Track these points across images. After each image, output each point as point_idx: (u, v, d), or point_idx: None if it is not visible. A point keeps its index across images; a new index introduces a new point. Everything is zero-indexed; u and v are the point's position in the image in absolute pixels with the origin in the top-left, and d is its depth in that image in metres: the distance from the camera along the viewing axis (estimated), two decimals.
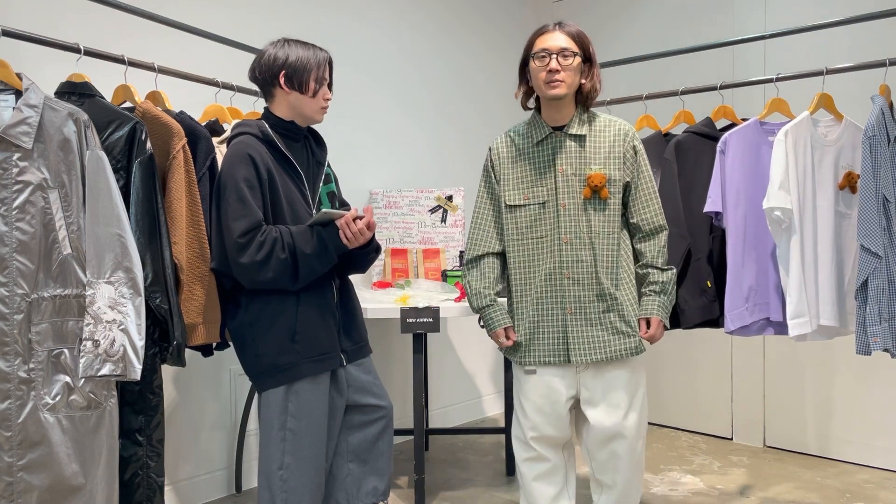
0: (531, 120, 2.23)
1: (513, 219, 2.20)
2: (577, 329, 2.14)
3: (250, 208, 1.94)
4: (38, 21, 2.51)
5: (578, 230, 2.13)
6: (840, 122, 2.50)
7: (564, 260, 2.14)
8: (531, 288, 2.17)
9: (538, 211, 2.16)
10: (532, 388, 2.20)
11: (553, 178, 2.16)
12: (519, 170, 2.20)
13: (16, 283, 1.73)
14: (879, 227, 2.20)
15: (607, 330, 2.14)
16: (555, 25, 2.17)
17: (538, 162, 2.18)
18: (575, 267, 2.13)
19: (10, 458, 1.71)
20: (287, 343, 2.00)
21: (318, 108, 2.11)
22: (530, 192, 2.17)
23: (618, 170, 2.16)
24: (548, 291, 2.15)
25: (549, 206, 2.15)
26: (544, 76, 2.10)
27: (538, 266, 2.16)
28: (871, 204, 2.20)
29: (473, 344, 4.29)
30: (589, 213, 2.13)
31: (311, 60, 2.06)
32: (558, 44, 2.11)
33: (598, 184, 2.11)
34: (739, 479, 3.25)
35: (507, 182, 2.21)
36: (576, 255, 2.13)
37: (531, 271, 2.18)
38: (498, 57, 4.41)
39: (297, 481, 2.00)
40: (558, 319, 2.15)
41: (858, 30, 2.78)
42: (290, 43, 2.08)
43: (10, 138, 1.72)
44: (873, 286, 2.20)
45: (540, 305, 2.16)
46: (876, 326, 2.20)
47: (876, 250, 2.19)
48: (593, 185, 2.12)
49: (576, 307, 2.14)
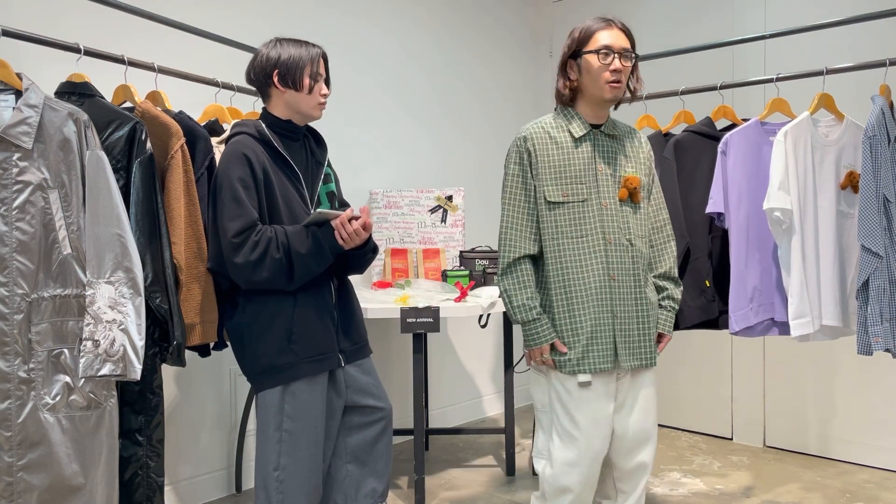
0: (566, 114, 2.10)
1: (552, 216, 2.05)
2: (623, 334, 2.03)
3: (245, 208, 1.94)
4: (38, 21, 2.51)
5: (620, 231, 2.05)
6: (841, 122, 2.50)
7: (611, 261, 2.03)
8: (583, 291, 2.02)
9: (580, 209, 2.04)
10: (586, 401, 2.02)
11: (594, 176, 2.06)
12: (558, 164, 2.05)
13: (16, 283, 1.73)
14: (880, 226, 2.20)
15: (646, 335, 2.07)
16: (610, 23, 2.06)
17: (578, 158, 2.06)
18: (619, 269, 2.04)
19: (10, 458, 1.71)
20: (284, 344, 1.99)
21: (315, 105, 2.10)
22: (570, 189, 2.04)
23: (645, 175, 2.14)
24: (599, 295, 2.02)
25: (590, 205, 2.04)
26: (608, 76, 2.00)
27: (587, 268, 2.03)
28: (872, 204, 2.20)
29: (473, 344, 4.29)
30: (626, 215, 2.07)
31: (304, 57, 2.06)
32: (622, 43, 2.02)
33: (635, 186, 2.07)
34: (739, 479, 3.25)
35: (546, 177, 2.05)
36: (620, 257, 2.04)
37: (581, 274, 2.03)
38: (499, 55, 4.41)
39: (294, 482, 2.00)
40: (609, 324, 2.03)
41: (858, 30, 2.78)
42: (283, 42, 2.08)
43: (10, 138, 1.72)
44: (874, 286, 2.20)
45: (595, 310, 2.02)
46: (877, 326, 2.20)
47: (877, 250, 2.19)
48: (631, 188, 2.06)
49: (622, 311, 2.03)
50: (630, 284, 2.04)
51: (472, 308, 2.93)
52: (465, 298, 3.01)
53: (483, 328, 3.53)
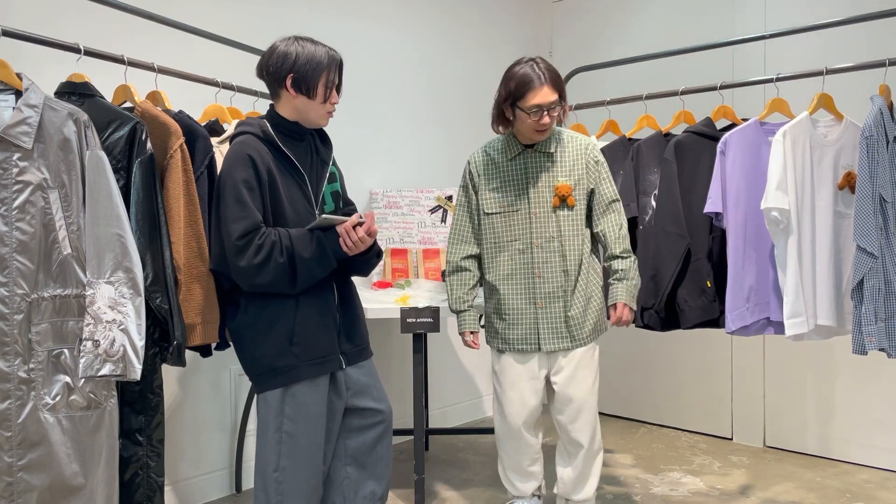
0: (506, 138, 2.51)
1: (489, 224, 2.49)
2: (546, 322, 2.45)
3: (249, 210, 1.93)
4: (38, 21, 2.51)
5: (549, 234, 2.43)
6: (840, 122, 2.50)
7: (536, 261, 2.44)
8: (511, 286, 2.47)
9: (512, 218, 2.45)
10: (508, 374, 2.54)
11: (526, 189, 2.44)
12: (495, 181, 2.48)
13: (16, 283, 1.73)
14: (875, 227, 2.20)
15: (571, 322, 2.45)
16: (540, 77, 2.33)
17: (512, 175, 2.47)
18: (545, 267, 2.43)
19: (10, 458, 1.71)
20: (285, 345, 1.98)
21: (324, 114, 2.07)
22: (504, 201, 2.46)
23: (578, 179, 2.44)
24: (524, 289, 2.46)
25: (522, 214, 2.44)
26: (536, 127, 2.36)
27: (515, 267, 2.46)
28: (868, 204, 2.20)
29: None
30: (560, 219, 2.43)
31: (322, 64, 2.00)
32: (549, 99, 2.34)
33: (564, 193, 2.42)
34: (739, 479, 3.25)
35: (484, 192, 2.49)
36: (546, 257, 2.43)
37: (509, 272, 2.47)
38: (499, 55, 4.40)
39: (293, 483, 1.99)
40: (531, 313, 2.45)
41: (858, 30, 2.78)
42: (301, 41, 2.02)
43: (10, 138, 1.72)
44: (869, 286, 2.20)
45: (520, 302, 2.46)
46: (871, 326, 2.20)
47: (872, 250, 2.19)
48: (560, 195, 2.42)
49: (546, 302, 2.44)
50: (557, 279, 2.43)
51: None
52: None
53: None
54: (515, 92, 2.36)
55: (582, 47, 4.32)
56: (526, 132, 2.41)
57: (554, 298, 2.43)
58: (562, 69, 4.22)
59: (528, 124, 2.37)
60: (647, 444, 3.77)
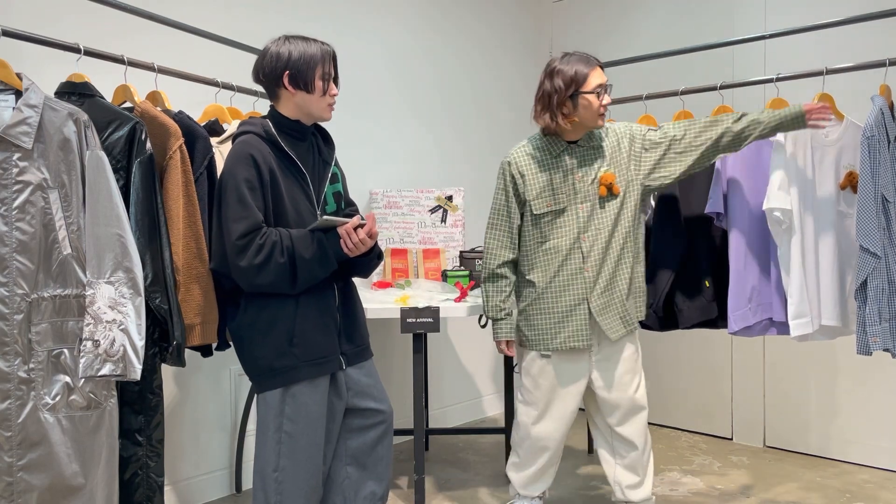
0: (545, 138, 2.48)
1: (537, 224, 2.46)
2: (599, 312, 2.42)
3: (250, 210, 1.92)
4: (38, 21, 2.51)
5: (596, 227, 2.41)
6: (841, 122, 2.50)
7: (585, 255, 2.41)
8: (559, 282, 2.44)
9: (557, 216, 2.43)
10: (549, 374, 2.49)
11: (573, 185, 2.43)
12: (542, 180, 2.45)
13: (16, 283, 1.73)
14: (878, 227, 2.19)
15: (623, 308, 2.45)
16: (591, 62, 2.39)
17: (559, 172, 2.44)
18: (592, 260, 2.41)
19: (10, 458, 1.71)
20: (285, 346, 1.98)
21: (326, 106, 2.07)
22: (553, 200, 2.43)
23: (623, 163, 2.44)
24: (573, 284, 2.43)
25: (570, 210, 2.42)
26: (602, 110, 2.38)
27: (564, 263, 2.43)
28: (870, 204, 2.20)
29: (473, 344, 4.29)
30: (606, 209, 2.42)
31: (315, 57, 2.01)
32: (605, 79, 2.39)
33: (609, 181, 2.40)
34: (739, 479, 3.25)
35: (532, 193, 2.45)
36: (590, 249, 2.41)
37: (558, 268, 2.43)
38: (498, 55, 4.41)
39: (292, 483, 1.99)
40: (583, 308, 2.43)
41: (858, 30, 2.78)
42: (292, 39, 2.03)
43: (10, 138, 1.72)
44: (872, 286, 2.20)
45: (569, 298, 2.43)
46: (876, 326, 2.20)
47: (875, 250, 2.18)
48: (606, 184, 2.40)
49: (594, 295, 2.42)
50: (606, 271, 2.42)
51: (472, 308, 2.93)
52: (465, 298, 3.01)
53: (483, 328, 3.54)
54: (576, 77, 2.35)
55: (582, 47, 4.28)
56: (590, 119, 2.38)
57: (604, 289, 2.42)
58: None
59: (594, 108, 2.36)
60: None
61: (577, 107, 2.37)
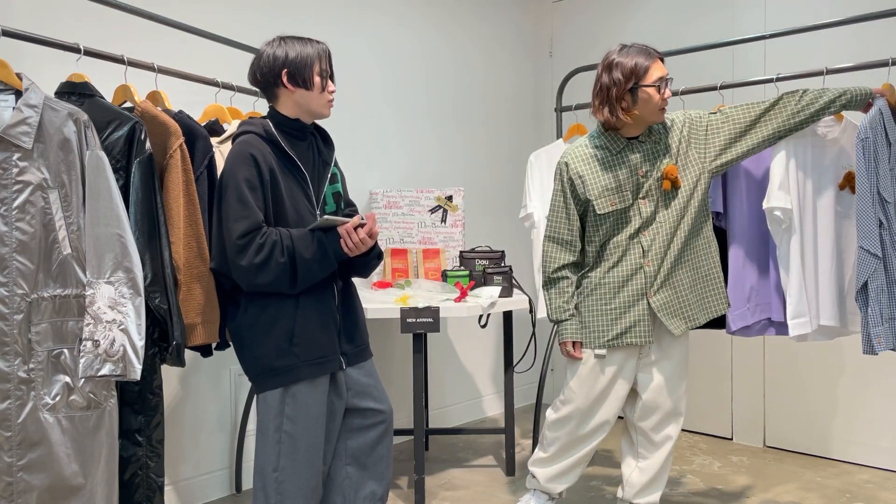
0: (604, 135, 2.40)
1: (601, 223, 2.39)
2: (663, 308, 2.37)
3: (250, 209, 1.93)
4: (38, 21, 2.51)
5: (659, 223, 2.36)
6: (840, 122, 2.50)
7: (646, 251, 2.35)
8: (619, 279, 2.38)
9: (622, 213, 2.37)
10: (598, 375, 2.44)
11: (636, 182, 2.36)
12: (605, 179, 2.37)
13: (16, 283, 1.73)
14: (877, 227, 2.20)
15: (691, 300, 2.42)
16: (652, 54, 2.31)
17: (621, 169, 2.37)
18: (653, 256, 2.35)
19: (10, 458, 1.71)
20: (285, 346, 1.98)
21: (325, 103, 2.08)
22: (616, 198, 2.36)
23: (685, 154, 2.38)
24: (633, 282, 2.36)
25: (634, 208, 2.36)
26: (663, 104, 2.30)
27: (624, 261, 2.37)
28: (868, 205, 2.20)
29: (473, 344, 4.29)
30: (669, 203, 2.36)
31: (312, 54, 2.03)
32: (666, 71, 2.31)
33: (674, 175, 2.33)
34: (739, 479, 3.25)
35: (594, 192, 2.37)
36: (651, 244, 2.35)
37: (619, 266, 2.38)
38: (499, 55, 4.41)
39: (292, 483, 1.99)
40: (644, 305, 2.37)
41: (858, 29, 2.78)
42: (287, 40, 2.05)
43: (10, 138, 1.72)
44: (873, 287, 2.20)
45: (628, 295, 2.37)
46: (879, 327, 2.20)
47: (875, 251, 2.19)
48: (671, 178, 2.33)
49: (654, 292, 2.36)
50: (668, 262, 2.35)
51: (472, 308, 2.93)
52: (465, 298, 3.01)
53: (483, 328, 3.53)
54: (636, 70, 2.27)
55: (582, 47, 4.32)
56: (650, 114, 2.30)
57: (662, 284, 2.35)
58: (562, 69, 4.25)
59: (655, 102, 2.28)
60: None
61: (636, 101, 2.29)
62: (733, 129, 2.38)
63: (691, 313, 2.40)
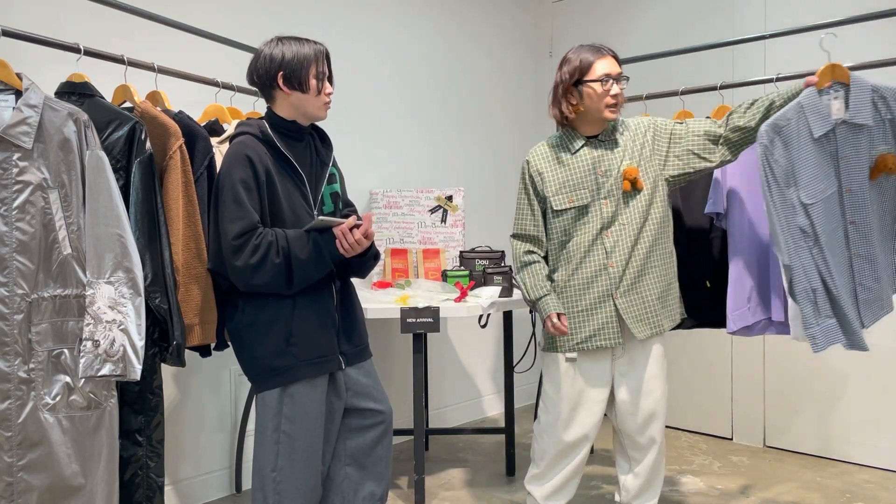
0: (565, 133, 2.41)
1: (560, 221, 2.38)
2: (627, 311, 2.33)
3: (246, 210, 1.93)
4: (38, 21, 2.51)
5: (620, 223, 2.33)
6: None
7: (609, 251, 2.33)
8: (583, 280, 2.36)
9: (581, 212, 2.35)
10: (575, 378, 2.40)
11: (595, 181, 2.35)
12: (562, 177, 2.38)
13: (16, 283, 1.73)
14: (788, 234, 2.17)
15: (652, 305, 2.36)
16: (602, 51, 2.31)
17: (579, 168, 2.37)
18: (617, 256, 2.32)
19: (10, 459, 1.71)
20: (283, 346, 1.98)
21: (321, 105, 2.07)
22: (574, 195, 2.35)
23: (647, 157, 2.35)
24: (597, 282, 2.34)
25: (594, 206, 2.34)
26: (609, 100, 2.29)
27: (587, 259, 2.34)
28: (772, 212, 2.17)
29: (473, 344, 4.29)
30: (630, 205, 2.33)
31: (308, 56, 2.02)
32: (616, 69, 2.30)
33: (633, 176, 2.31)
34: (739, 479, 3.25)
35: (551, 190, 2.38)
36: (614, 245, 2.32)
37: (582, 266, 2.35)
38: (499, 55, 4.41)
39: (291, 483, 1.99)
40: (610, 305, 2.33)
41: (858, 30, 2.78)
42: (284, 41, 2.04)
43: (10, 138, 1.72)
44: (799, 290, 2.16)
45: (594, 296, 2.34)
46: (814, 328, 2.17)
47: (785, 261, 2.16)
48: (630, 178, 2.31)
49: (620, 292, 2.32)
50: (632, 267, 2.32)
51: (472, 308, 2.93)
52: (465, 298, 3.01)
53: (483, 328, 3.53)
54: (581, 66, 2.28)
55: None
56: (595, 111, 2.30)
57: (629, 286, 2.31)
58: None
59: (598, 100, 2.27)
60: None
61: (582, 96, 2.30)
62: (692, 142, 2.34)
63: (657, 320, 2.34)
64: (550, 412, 2.41)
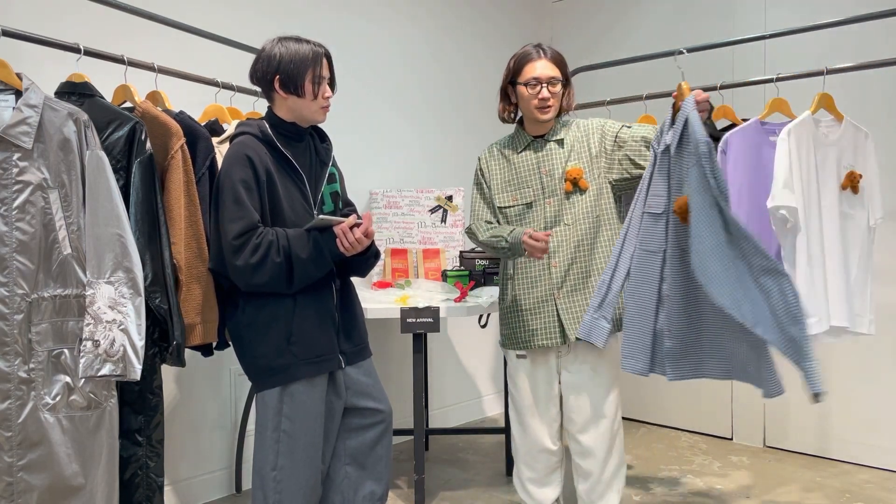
0: (515, 132, 2.46)
1: (504, 219, 2.42)
2: (567, 311, 2.32)
3: (246, 210, 1.93)
4: (38, 21, 2.51)
5: (564, 222, 2.33)
6: (840, 123, 2.50)
7: (552, 251, 2.32)
8: (528, 279, 2.37)
9: (526, 209, 2.37)
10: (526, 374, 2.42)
11: (539, 180, 2.37)
12: (506, 175, 2.43)
13: (16, 283, 1.73)
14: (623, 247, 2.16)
15: None
16: (539, 52, 2.32)
17: (523, 167, 2.40)
18: (560, 256, 2.32)
19: (10, 459, 1.71)
20: (283, 345, 1.98)
21: (318, 109, 2.06)
22: (518, 194, 2.39)
23: (594, 158, 2.35)
24: (541, 280, 2.34)
25: (537, 205, 2.36)
26: (536, 103, 2.31)
27: (530, 260, 2.34)
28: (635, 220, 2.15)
29: (473, 344, 4.29)
30: (575, 203, 2.33)
31: (306, 60, 2.00)
32: (547, 73, 2.30)
33: (575, 177, 2.32)
34: (739, 479, 3.25)
35: (497, 187, 2.43)
36: (558, 245, 2.32)
37: (525, 265, 2.37)
38: (498, 57, 4.40)
39: (291, 482, 1.99)
40: (552, 304, 2.33)
41: (858, 30, 2.78)
42: (284, 42, 2.02)
43: (10, 138, 1.72)
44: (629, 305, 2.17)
45: (538, 294, 2.34)
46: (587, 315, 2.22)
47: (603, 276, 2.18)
48: (572, 178, 2.32)
49: (563, 292, 2.32)
50: (576, 267, 2.32)
51: (472, 308, 2.93)
52: (465, 298, 3.01)
53: (483, 328, 3.53)
54: (514, 67, 2.34)
55: (582, 47, 4.31)
56: (528, 112, 2.34)
57: (573, 287, 2.30)
58: None
59: (528, 102, 2.31)
60: (647, 444, 3.77)
61: (517, 97, 2.36)
62: (630, 148, 2.31)
63: None
64: (513, 408, 2.48)
